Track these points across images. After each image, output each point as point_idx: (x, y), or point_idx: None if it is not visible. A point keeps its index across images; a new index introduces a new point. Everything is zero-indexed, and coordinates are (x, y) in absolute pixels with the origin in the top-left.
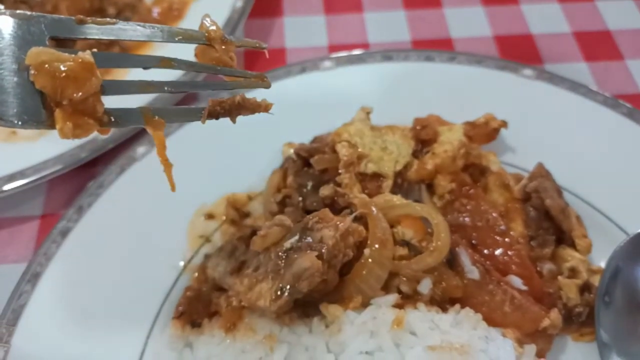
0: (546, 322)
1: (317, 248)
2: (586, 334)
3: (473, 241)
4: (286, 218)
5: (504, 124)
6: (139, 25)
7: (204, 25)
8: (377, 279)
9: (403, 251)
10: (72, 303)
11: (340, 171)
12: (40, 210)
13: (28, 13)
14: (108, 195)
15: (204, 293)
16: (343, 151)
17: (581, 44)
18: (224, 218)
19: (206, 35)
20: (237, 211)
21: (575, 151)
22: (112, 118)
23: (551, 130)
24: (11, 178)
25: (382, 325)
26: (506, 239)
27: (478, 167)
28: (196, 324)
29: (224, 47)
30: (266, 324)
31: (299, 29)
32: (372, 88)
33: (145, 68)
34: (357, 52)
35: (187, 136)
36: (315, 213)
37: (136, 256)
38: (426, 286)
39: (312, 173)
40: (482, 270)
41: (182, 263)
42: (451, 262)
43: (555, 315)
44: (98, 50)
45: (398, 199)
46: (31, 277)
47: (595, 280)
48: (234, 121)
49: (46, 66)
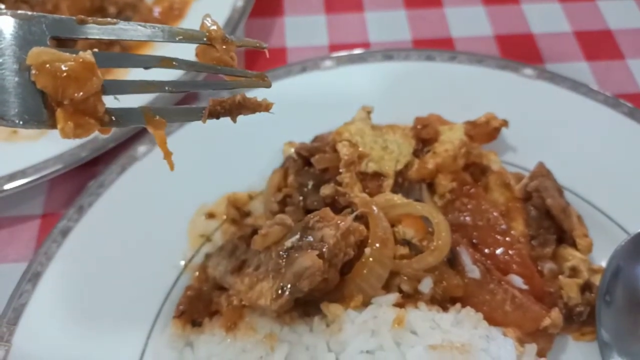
0: (547, 322)
1: (318, 247)
2: (587, 334)
3: (474, 240)
4: (287, 217)
5: (505, 124)
6: (140, 25)
7: (205, 25)
8: (378, 278)
9: (404, 250)
10: (73, 302)
11: (341, 170)
12: (40, 209)
13: (29, 13)
14: (109, 194)
15: (205, 292)
16: (344, 150)
17: (582, 44)
18: (225, 217)
19: (207, 35)
20: (238, 210)
21: (576, 150)
22: (113, 118)
23: (552, 129)
24: (12, 177)
25: (383, 324)
26: (507, 239)
27: (479, 167)
28: (197, 323)
29: (225, 47)
30: (267, 323)
31: (300, 29)
32: (373, 87)
33: (146, 68)
34: (358, 52)
35: (188, 135)
36: (316, 212)
37: (137, 255)
38: (427, 285)
39: (313, 172)
40: (483, 269)
41: (183, 262)
42: (452, 262)
43: (556, 314)
44: (98, 49)
45: (399, 198)
46: (32, 277)
47: (596, 279)
48: (235, 121)
49: (47, 66)
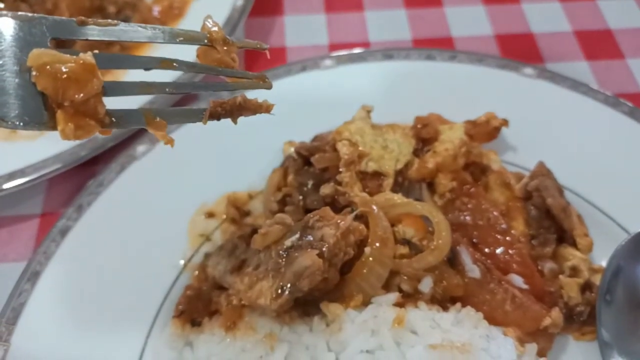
0: (547, 321)
1: (318, 246)
2: (587, 333)
3: (474, 240)
4: (287, 216)
5: (505, 123)
6: (140, 26)
7: (206, 26)
8: (378, 278)
9: (404, 250)
10: (72, 302)
11: (340, 170)
12: (40, 208)
13: (29, 14)
14: (108, 194)
15: (204, 292)
16: (344, 150)
17: (582, 43)
18: (225, 217)
19: (208, 36)
20: (238, 210)
21: (576, 150)
22: (114, 119)
23: (552, 129)
24: (11, 176)
25: (383, 324)
26: (507, 238)
27: (479, 166)
28: (196, 323)
29: (226, 49)
30: (266, 323)
31: (300, 28)
32: (373, 87)
33: (146, 69)
34: (358, 51)
35: (188, 135)
36: (315, 211)
37: (136, 255)
38: (427, 285)
39: (313, 172)
40: (483, 269)
41: (182, 262)
42: (452, 261)
43: (556, 314)
44: (98, 49)
45: (399, 198)
46: (31, 276)
47: (596, 279)
48: (236, 122)
49: (48, 67)
